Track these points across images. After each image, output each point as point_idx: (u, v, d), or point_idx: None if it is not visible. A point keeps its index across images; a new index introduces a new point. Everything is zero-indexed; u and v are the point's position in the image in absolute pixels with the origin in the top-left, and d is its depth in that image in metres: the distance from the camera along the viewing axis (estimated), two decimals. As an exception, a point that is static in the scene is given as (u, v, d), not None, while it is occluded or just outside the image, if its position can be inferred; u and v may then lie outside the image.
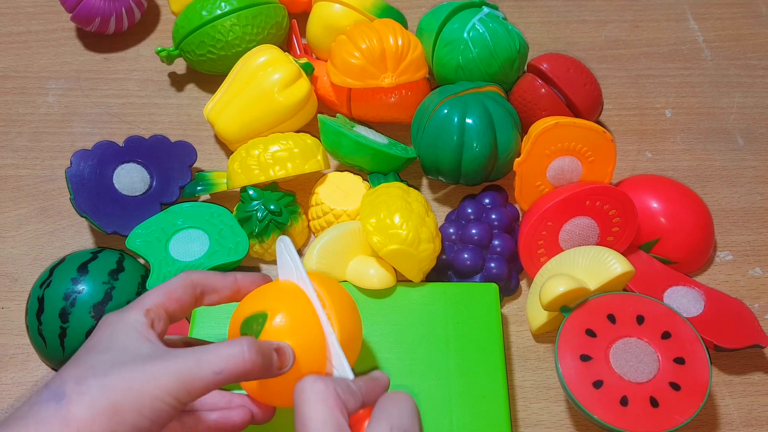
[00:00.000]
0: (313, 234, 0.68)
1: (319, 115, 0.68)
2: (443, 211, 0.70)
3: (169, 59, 0.76)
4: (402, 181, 0.68)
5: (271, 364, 0.41)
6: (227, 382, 0.39)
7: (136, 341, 0.39)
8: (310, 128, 0.71)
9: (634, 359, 0.54)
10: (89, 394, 0.36)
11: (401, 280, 0.61)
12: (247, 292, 0.47)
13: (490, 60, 0.68)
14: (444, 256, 0.63)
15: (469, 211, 0.66)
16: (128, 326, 0.40)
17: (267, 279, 0.49)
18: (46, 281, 0.58)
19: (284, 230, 0.64)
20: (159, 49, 0.75)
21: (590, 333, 0.55)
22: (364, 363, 0.57)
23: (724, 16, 0.87)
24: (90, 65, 0.82)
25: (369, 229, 0.58)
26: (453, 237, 0.65)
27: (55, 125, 0.76)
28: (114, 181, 0.66)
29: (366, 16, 0.73)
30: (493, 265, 0.63)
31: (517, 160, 0.64)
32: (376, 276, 0.60)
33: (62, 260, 0.60)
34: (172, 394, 0.37)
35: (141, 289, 0.60)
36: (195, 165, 0.68)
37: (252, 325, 0.44)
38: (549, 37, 0.85)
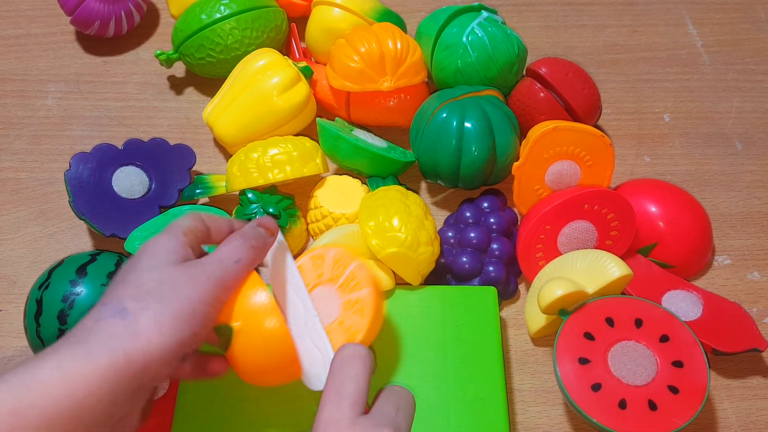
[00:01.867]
0: (312, 237, 0.68)
1: (317, 118, 0.69)
2: (442, 215, 0.70)
3: (168, 62, 0.76)
4: (401, 184, 0.68)
5: (265, 238, 0.48)
6: (248, 269, 0.45)
7: (177, 257, 0.43)
8: (308, 132, 0.71)
9: (632, 362, 0.54)
10: (150, 308, 0.39)
11: (400, 283, 0.61)
12: None
13: (489, 64, 0.68)
14: (442, 260, 0.63)
15: (468, 214, 0.66)
16: (168, 246, 0.44)
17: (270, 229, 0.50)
18: (44, 283, 0.58)
19: (283, 233, 0.64)
20: (158, 52, 0.75)
21: (588, 336, 0.55)
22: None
23: (722, 21, 0.87)
24: (89, 68, 0.82)
25: (368, 232, 0.58)
26: (451, 241, 0.65)
27: (54, 128, 0.77)
28: (113, 184, 0.66)
29: (365, 20, 0.73)
30: (491, 268, 0.63)
31: (515, 163, 0.64)
32: (374, 279, 0.60)
33: (61, 262, 0.60)
34: (214, 295, 0.42)
35: None
36: (194, 168, 0.69)
37: (223, 332, 0.45)
38: (548, 41, 0.85)
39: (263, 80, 0.68)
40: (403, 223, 0.58)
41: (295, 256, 0.67)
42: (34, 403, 0.35)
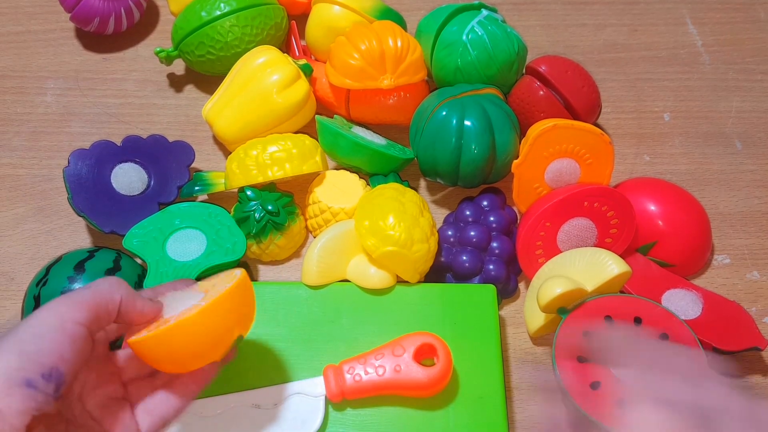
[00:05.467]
0: (311, 233, 0.68)
1: (317, 116, 0.68)
2: (441, 214, 0.70)
3: (168, 60, 0.76)
4: (403, 181, 0.68)
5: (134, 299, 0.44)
6: (101, 295, 0.42)
7: None
8: (308, 129, 0.71)
9: (631, 361, 0.54)
10: None
11: (401, 280, 0.61)
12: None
13: (489, 62, 0.68)
14: (442, 259, 0.63)
15: (468, 213, 0.66)
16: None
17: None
18: (42, 280, 0.58)
19: (282, 231, 0.63)
20: (158, 49, 0.75)
21: (588, 335, 0.55)
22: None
23: (722, 21, 0.87)
24: (89, 65, 0.82)
25: (362, 232, 0.58)
26: (451, 239, 0.65)
27: (53, 125, 0.76)
28: (112, 181, 0.65)
29: (365, 18, 0.73)
30: (491, 267, 0.63)
31: (515, 162, 0.64)
32: (376, 275, 0.60)
33: (59, 259, 0.59)
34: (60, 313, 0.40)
35: (137, 288, 0.60)
36: (193, 165, 0.68)
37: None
38: (548, 40, 0.85)
39: (263, 78, 0.67)
40: (398, 222, 0.58)
41: (294, 255, 0.67)
42: None
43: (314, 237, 0.68)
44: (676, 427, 0.42)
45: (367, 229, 0.58)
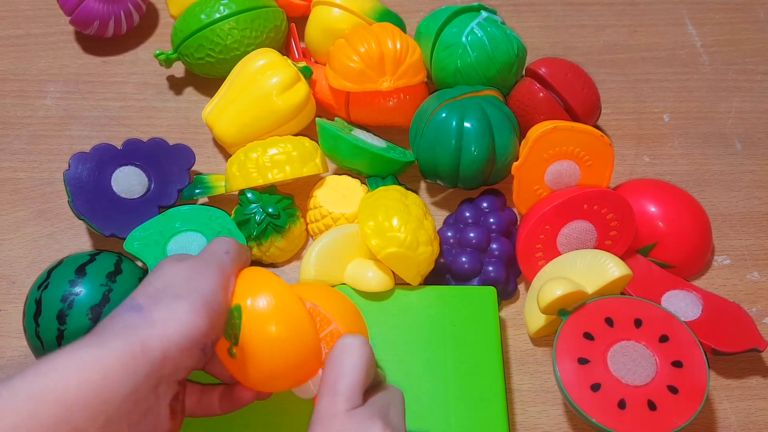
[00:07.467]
0: (312, 237, 0.68)
1: (317, 118, 0.69)
2: (441, 215, 0.70)
3: (167, 62, 0.76)
4: (400, 184, 0.68)
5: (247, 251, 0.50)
6: (237, 262, 0.47)
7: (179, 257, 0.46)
8: (308, 132, 0.71)
9: (631, 362, 0.54)
10: (164, 302, 0.41)
11: (399, 283, 0.61)
12: None
13: (489, 64, 0.68)
14: (442, 260, 0.63)
15: (468, 214, 0.66)
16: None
17: None
18: (43, 283, 0.58)
19: (282, 233, 0.64)
20: (158, 52, 0.75)
21: (588, 336, 0.55)
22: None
23: (722, 21, 0.87)
24: (88, 68, 0.82)
25: (367, 232, 0.58)
26: (451, 241, 0.65)
27: (53, 128, 0.76)
28: (112, 184, 0.65)
29: (365, 20, 0.73)
30: (491, 268, 0.63)
31: (515, 163, 0.64)
32: (374, 279, 0.60)
33: (60, 262, 0.59)
34: (219, 283, 0.44)
35: None
36: (193, 168, 0.68)
37: (231, 319, 0.45)
38: (547, 41, 0.85)
39: (263, 80, 0.67)
40: (403, 223, 0.58)
41: (295, 257, 0.67)
42: (50, 388, 0.34)
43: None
44: None
45: (372, 230, 0.58)
